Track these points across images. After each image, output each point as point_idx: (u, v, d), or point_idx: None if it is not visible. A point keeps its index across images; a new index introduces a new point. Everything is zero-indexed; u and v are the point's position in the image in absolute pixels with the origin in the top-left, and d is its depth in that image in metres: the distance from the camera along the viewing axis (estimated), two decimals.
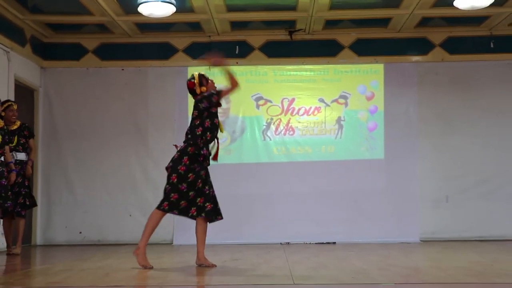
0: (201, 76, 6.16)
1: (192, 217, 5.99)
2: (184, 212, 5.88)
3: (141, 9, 8.36)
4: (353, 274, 5.26)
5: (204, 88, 6.09)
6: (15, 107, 7.60)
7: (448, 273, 5.40)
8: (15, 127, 7.66)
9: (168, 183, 5.77)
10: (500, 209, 9.31)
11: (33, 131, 8.20)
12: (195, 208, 5.88)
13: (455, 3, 8.27)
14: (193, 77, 6.11)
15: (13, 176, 7.27)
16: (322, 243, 9.02)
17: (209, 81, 6.21)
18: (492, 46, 9.56)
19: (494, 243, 8.56)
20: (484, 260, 6.34)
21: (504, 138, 9.44)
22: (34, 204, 7.92)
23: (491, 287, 4.56)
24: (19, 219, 7.59)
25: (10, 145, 7.38)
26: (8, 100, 7.71)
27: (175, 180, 5.74)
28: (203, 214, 5.95)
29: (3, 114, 7.36)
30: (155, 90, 9.73)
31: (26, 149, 7.78)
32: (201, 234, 6.15)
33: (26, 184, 7.69)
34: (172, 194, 5.70)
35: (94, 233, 9.47)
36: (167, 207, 5.73)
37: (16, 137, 7.62)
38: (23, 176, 7.61)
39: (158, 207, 5.76)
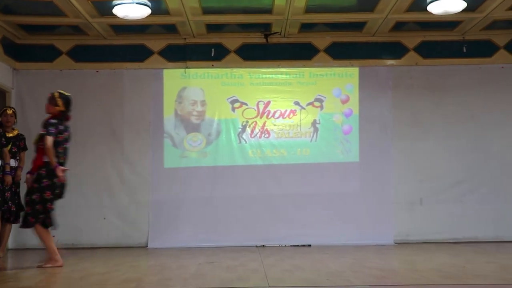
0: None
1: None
2: None
3: (116, 11, 8.32)
4: (327, 276, 5.31)
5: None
6: (9, 112, 7.74)
7: (421, 275, 5.47)
8: (11, 134, 7.79)
9: None
10: (472, 211, 9.40)
11: (27, 144, 8.21)
12: None
13: (428, 8, 8.36)
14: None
15: (9, 179, 7.49)
16: (297, 245, 9.04)
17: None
18: (464, 50, 9.66)
19: (467, 245, 8.66)
20: (457, 262, 6.42)
21: (475, 141, 9.54)
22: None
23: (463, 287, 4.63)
24: (8, 224, 7.81)
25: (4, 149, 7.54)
26: (4, 106, 7.84)
27: None
28: None
29: None
30: (130, 93, 9.68)
31: (16, 158, 7.88)
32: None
33: (17, 191, 7.87)
34: None
35: (68, 237, 9.37)
36: None
37: (10, 145, 7.73)
38: (15, 183, 7.78)
39: None
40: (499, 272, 5.52)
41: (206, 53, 9.64)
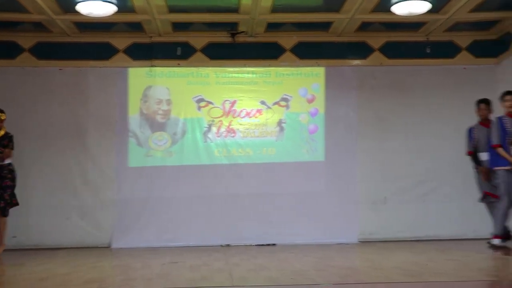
0: None
1: None
2: None
3: (80, 8, 8.26)
4: (292, 275, 5.35)
5: None
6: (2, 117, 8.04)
7: (383, 273, 5.55)
8: None
9: None
10: (435, 210, 9.54)
11: (13, 144, 8.31)
12: None
13: (393, 9, 8.45)
14: None
15: None
16: (263, 244, 9.09)
17: None
18: (428, 51, 9.81)
19: (429, 243, 8.76)
20: (419, 260, 6.51)
21: (438, 141, 9.67)
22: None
23: (426, 286, 4.70)
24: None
25: None
26: None
27: None
28: None
29: None
30: (95, 91, 9.61)
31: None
32: None
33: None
34: None
35: (31, 237, 9.29)
36: None
37: None
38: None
39: None
40: (459, 269, 5.63)
41: (172, 51, 9.63)
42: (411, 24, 9.33)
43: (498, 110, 8.28)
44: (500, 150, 7.57)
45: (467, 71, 9.89)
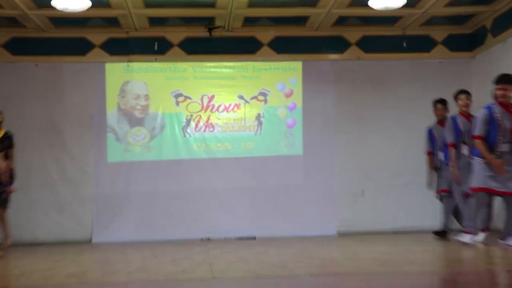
0: None
1: None
2: None
3: (55, 3, 8.22)
4: (271, 267, 5.41)
5: None
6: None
7: (361, 264, 5.63)
8: None
9: None
10: (411, 202, 9.59)
11: (14, 141, 8.24)
12: None
13: (369, 3, 8.50)
14: None
15: None
16: (242, 238, 9.14)
17: None
18: (404, 45, 9.88)
19: (406, 235, 8.86)
20: (396, 251, 6.60)
21: (415, 133, 9.65)
22: None
23: (403, 275, 4.77)
24: None
25: None
26: None
27: None
28: None
29: None
30: (71, 87, 9.58)
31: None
32: None
33: None
34: None
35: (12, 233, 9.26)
36: None
37: None
38: None
39: None
40: (435, 259, 5.72)
41: (149, 46, 9.61)
42: (388, 18, 9.37)
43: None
44: (451, 150, 7.63)
45: (443, 64, 9.97)
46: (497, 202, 7.08)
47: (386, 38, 9.92)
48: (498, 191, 6.84)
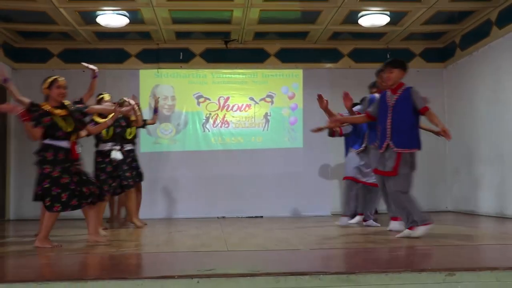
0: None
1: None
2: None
3: (99, 20, 8.22)
4: (276, 242, 5.35)
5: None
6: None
7: (352, 239, 5.57)
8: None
9: None
10: None
11: None
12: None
13: (359, 21, 8.47)
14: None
15: None
16: (252, 217, 9.11)
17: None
18: (388, 56, 9.80)
19: (387, 215, 8.79)
20: (381, 229, 6.54)
21: None
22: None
23: (384, 249, 4.72)
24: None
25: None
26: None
27: None
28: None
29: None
30: (111, 89, 9.44)
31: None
32: None
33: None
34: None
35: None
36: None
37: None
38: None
39: None
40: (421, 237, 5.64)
41: (176, 56, 9.59)
42: (374, 34, 9.34)
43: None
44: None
45: (420, 73, 9.87)
46: None
47: (373, 50, 9.88)
48: (361, 181, 6.73)
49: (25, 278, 3.28)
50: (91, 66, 5.86)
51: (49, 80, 5.30)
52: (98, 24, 8.38)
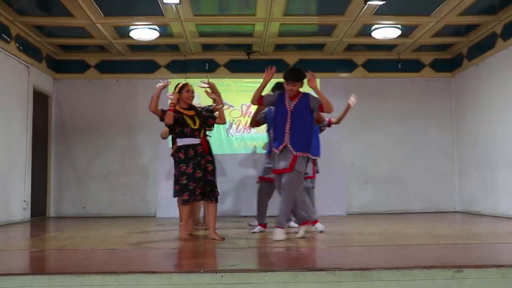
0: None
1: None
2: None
3: (132, 34, 8.30)
4: (294, 240, 5.32)
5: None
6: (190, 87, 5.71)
7: (366, 238, 5.53)
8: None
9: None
10: (405, 189, 9.51)
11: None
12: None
13: (372, 34, 8.42)
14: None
15: None
16: (271, 216, 9.02)
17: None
18: (399, 67, 9.77)
19: (401, 215, 8.74)
20: (393, 228, 6.49)
21: (408, 136, 9.64)
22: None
23: (397, 247, 4.68)
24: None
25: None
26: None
27: None
28: None
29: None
30: (143, 97, 9.57)
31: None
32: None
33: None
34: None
35: (95, 208, 9.37)
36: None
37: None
38: None
39: None
40: (424, 235, 5.60)
41: (202, 66, 9.64)
42: (386, 46, 9.29)
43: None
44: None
45: (430, 82, 9.84)
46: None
47: (385, 61, 9.82)
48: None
49: (64, 271, 3.31)
50: (203, 85, 5.83)
51: (180, 85, 5.60)
52: (131, 38, 8.46)
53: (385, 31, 8.30)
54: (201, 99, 9.62)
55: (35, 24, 8.06)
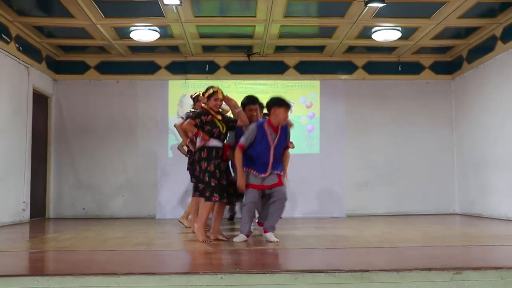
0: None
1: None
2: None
3: (132, 35, 8.31)
4: (294, 241, 5.33)
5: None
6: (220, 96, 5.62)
7: (365, 239, 5.52)
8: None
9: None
10: (404, 191, 9.52)
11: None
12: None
13: (373, 36, 8.43)
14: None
15: None
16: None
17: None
18: (400, 69, 9.78)
19: (399, 217, 8.73)
20: (392, 230, 6.49)
21: (407, 138, 9.66)
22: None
23: (397, 249, 4.68)
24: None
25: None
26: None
27: None
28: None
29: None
30: (143, 98, 9.65)
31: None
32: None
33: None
34: None
35: (94, 209, 9.37)
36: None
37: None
38: None
39: None
40: (423, 237, 5.60)
41: (202, 68, 9.64)
42: (387, 48, 9.30)
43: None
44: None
45: (429, 84, 9.84)
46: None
47: (385, 63, 9.83)
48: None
49: (63, 272, 3.32)
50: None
51: (210, 91, 5.61)
52: (131, 39, 8.47)
53: (385, 33, 8.31)
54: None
55: (35, 24, 8.07)
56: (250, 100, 5.90)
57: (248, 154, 5.28)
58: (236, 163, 5.21)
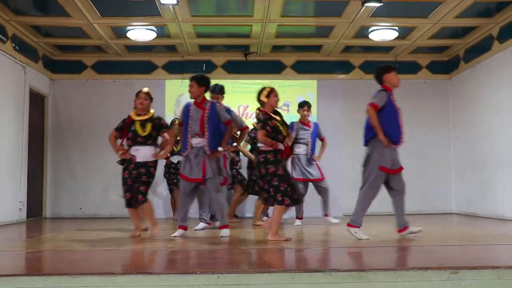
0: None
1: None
2: None
3: (129, 34, 8.31)
4: (292, 241, 5.33)
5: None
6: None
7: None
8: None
9: None
10: None
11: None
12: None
13: (370, 36, 8.44)
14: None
15: None
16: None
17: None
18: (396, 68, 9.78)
19: (392, 217, 8.70)
20: (389, 229, 6.50)
21: (404, 136, 9.63)
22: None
23: (394, 248, 4.69)
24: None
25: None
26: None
27: None
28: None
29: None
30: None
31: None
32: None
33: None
34: None
35: (91, 209, 9.36)
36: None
37: None
38: None
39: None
40: (420, 237, 5.61)
41: (199, 67, 9.62)
42: (384, 47, 9.32)
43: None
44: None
45: (427, 84, 9.87)
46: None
47: (382, 63, 9.66)
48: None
49: (60, 272, 3.31)
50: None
51: (268, 89, 5.61)
52: (128, 38, 8.47)
53: (383, 33, 8.33)
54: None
55: (31, 24, 8.05)
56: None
57: None
58: (374, 123, 5.61)
